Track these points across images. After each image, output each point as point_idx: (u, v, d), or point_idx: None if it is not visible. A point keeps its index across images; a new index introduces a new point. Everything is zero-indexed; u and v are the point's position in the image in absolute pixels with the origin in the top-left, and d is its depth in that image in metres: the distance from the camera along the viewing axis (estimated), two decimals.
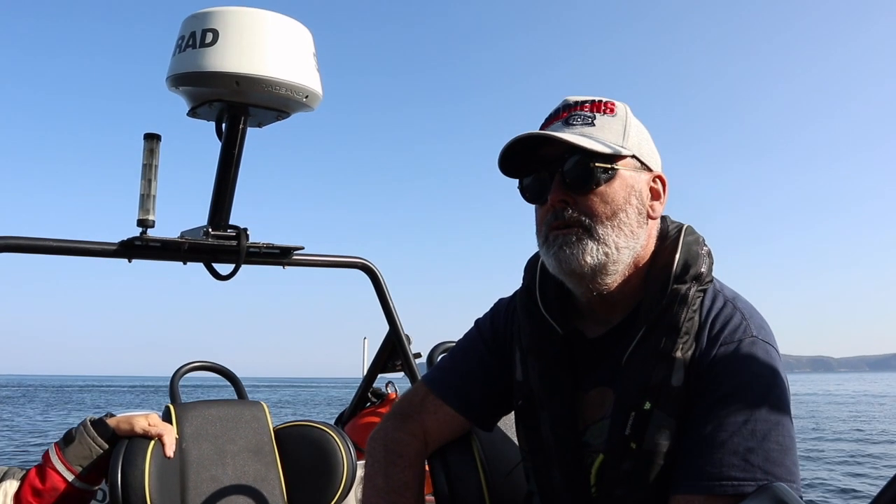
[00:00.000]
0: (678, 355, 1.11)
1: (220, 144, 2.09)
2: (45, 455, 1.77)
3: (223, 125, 2.07)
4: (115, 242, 2.13)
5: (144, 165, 2.12)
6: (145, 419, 1.84)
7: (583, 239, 1.15)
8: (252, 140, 2.10)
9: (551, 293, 1.28)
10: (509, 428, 1.50)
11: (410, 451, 1.35)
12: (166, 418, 2.02)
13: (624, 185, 1.17)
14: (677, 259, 1.18)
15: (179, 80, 1.91)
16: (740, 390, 1.08)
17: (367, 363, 3.59)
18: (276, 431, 2.19)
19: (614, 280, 1.19)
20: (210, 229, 2.17)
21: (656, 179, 1.23)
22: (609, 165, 1.15)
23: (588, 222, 1.15)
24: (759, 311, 1.19)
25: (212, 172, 2.14)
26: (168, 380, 3.05)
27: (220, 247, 2.19)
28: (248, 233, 2.22)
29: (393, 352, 2.85)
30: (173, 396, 2.95)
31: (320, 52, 2.03)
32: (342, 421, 3.27)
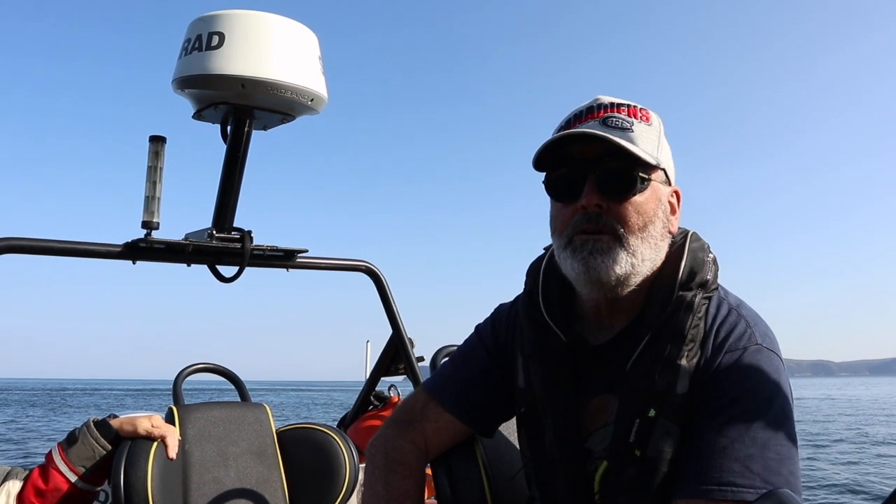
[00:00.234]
0: (683, 363, 1.10)
1: (225, 147, 2.10)
2: (48, 455, 1.77)
3: (228, 128, 2.07)
4: (120, 244, 2.13)
5: (149, 167, 2.13)
6: (148, 420, 1.84)
7: (614, 248, 1.12)
8: (257, 143, 2.11)
9: (554, 299, 1.26)
10: (512, 433, 1.49)
11: (411, 458, 1.34)
12: (169, 420, 2.02)
13: (655, 197, 1.15)
14: (683, 266, 1.17)
15: (185, 83, 1.92)
16: (743, 397, 1.08)
17: (369, 366, 3.58)
18: (279, 434, 2.19)
19: (629, 290, 1.17)
20: (214, 231, 2.18)
21: (674, 193, 1.22)
22: (647, 175, 1.14)
23: (621, 231, 1.13)
24: (763, 318, 1.19)
25: (217, 175, 2.15)
26: (171, 383, 3.05)
27: (224, 249, 2.20)
28: (253, 235, 2.22)
29: (396, 355, 2.85)
30: (176, 398, 2.95)
31: (326, 56, 2.04)
32: (345, 424, 3.26)
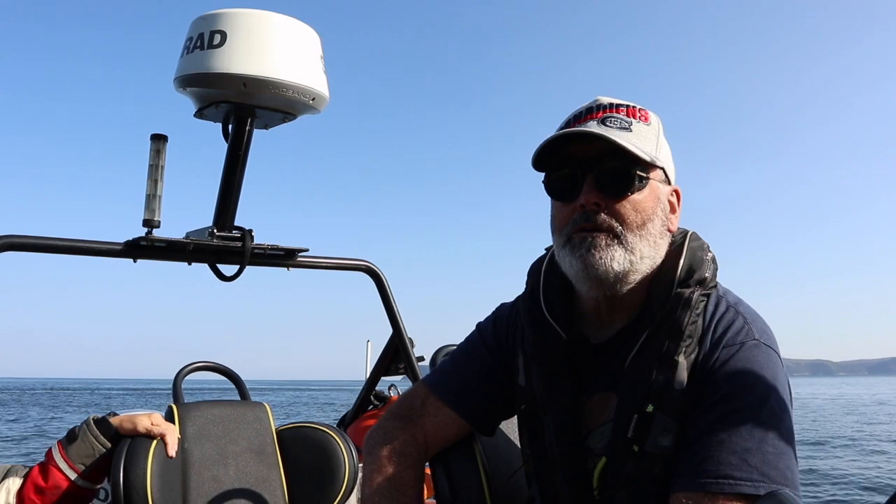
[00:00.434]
0: (681, 359, 1.11)
1: (226, 146, 2.10)
2: (48, 453, 1.78)
3: (230, 127, 2.07)
4: (121, 242, 2.13)
5: (151, 166, 2.13)
6: (148, 418, 1.85)
7: (612, 245, 1.14)
8: (258, 142, 2.11)
9: (555, 298, 1.27)
10: (511, 432, 1.49)
11: (410, 451, 1.35)
12: (169, 418, 2.02)
13: (653, 195, 1.17)
14: (681, 264, 1.19)
15: (187, 82, 1.92)
16: (741, 392, 1.09)
17: (370, 366, 3.59)
18: (279, 433, 2.19)
19: (628, 288, 1.19)
20: (215, 230, 2.18)
21: (673, 193, 1.24)
22: (645, 174, 1.16)
23: (619, 229, 1.15)
24: (761, 316, 1.20)
25: (218, 174, 2.15)
26: (171, 382, 3.04)
27: (225, 248, 2.20)
28: (253, 234, 2.22)
29: (396, 355, 2.85)
30: (176, 396, 2.95)
31: (328, 55, 2.04)
32: (344, 423, 3.26)
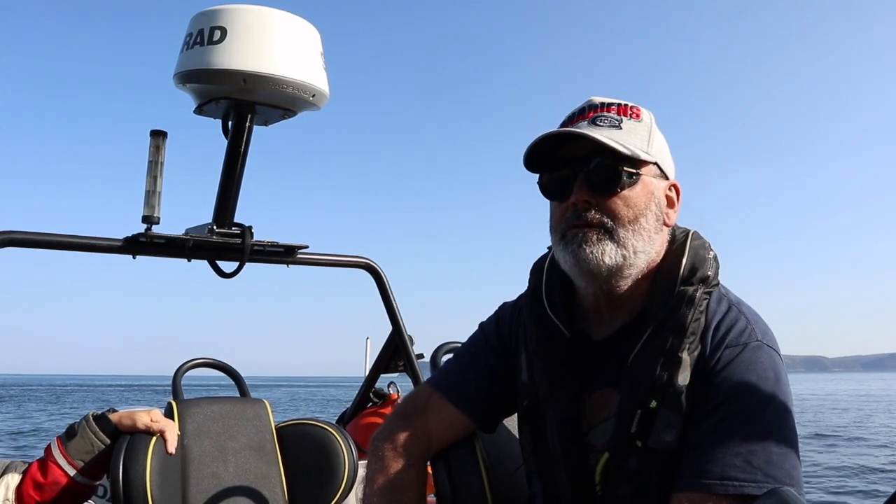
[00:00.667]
0: (684, 355, 1.12)
1: (225, 142, 2.09)
2: (48, 449, 1.77)
3: (229, 123, 2.07)
4: (120, 238, 2.13)
5: (150, 162, 2.12)
6: (147, 415, 1.84)
7: (603, 240, 1.16)
8: (258, 138, 2.11)
9: (557, 296, 1.29)
10: (512, 430, 1.50)
11: (413, 451, 1.35)
12: (168, 415, 2.02)
13: (646, 190, 1.19)
14: (684, 262, 1.20)
15: (186, 77, 1.91)
16: (744, 393, 1.09)
17: (369, 363, 3.58)
18: (278, 429, 2.19)
19: (626, 283, 1.20)
20: (215, 227, 2.18)
21: (672, 188, 1.25)
22: (634, 170, 1.17)
23: (610, 224, 1.16)
24: (762, 317, 1.21)
25: (217, 170, 2.14)
26: (170, 378, 3.04)
27: (224, 244, 2.19)
28: (253, 231, 2.22)
29: (396, 352, 2.85)
30: (175, 393, 2.95)
31: (328, 52, 2.03)
32: (344, 420, 3.26)
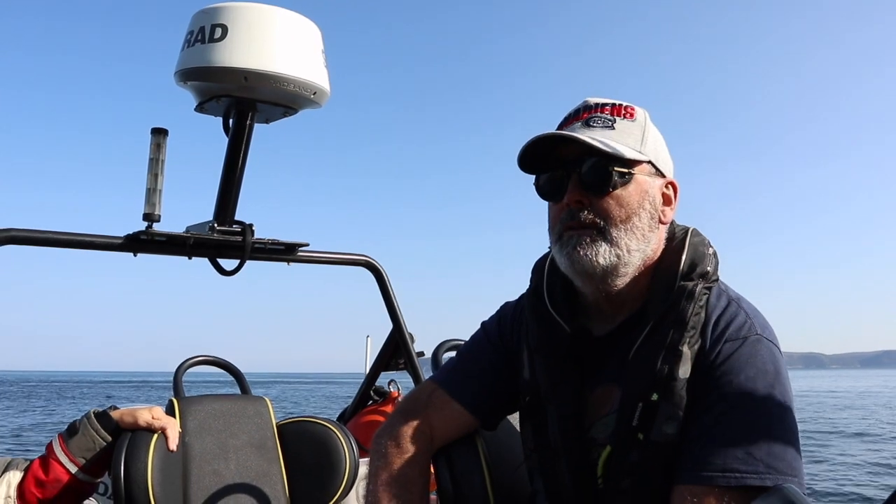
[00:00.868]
0: (685, 349, 1.14)
1: (226, 140, 2.09)
2: (49, 446, 1.77)
3: (230, 121, 2.07)
4: (121, 236, 2.13)
5: (151, 160, 2.12)
6: (149, 412, 1.84)
7: (596, 240, 1.17)
8: (259, 136, 2.10)
9: (558, 293, 1.30)
10: (513, 427, 1.50)
11: (416, 447, 1.36)
12: (170, 412, 2.02)
13: (639, 189, 1.19)
14: (684, 258, 1.21)
15: (188, 75, 1.91)
16: (745, 386, 1.10)
17: (370, 361, 3.58)
18: (279, 427, 2.19)
19: (623, 281, 1.21)
20: (216, 224, 2.18)
21: (668, 185, 1.26)
22: (626, 170, 1.18)
23: (603, 224, 1.18)
24: (761, 312, 1.22)
25: (218, 168, 2.14)
26: (172, 376, 3.05)
27: (225, 242, 2.20)
28: (254, 228, 2.22)
29: (396, 350, 2.85)
30: (177, 390, 2.95)
31: (329, 49, 2.03)
32: (344, 418, 3.27)
